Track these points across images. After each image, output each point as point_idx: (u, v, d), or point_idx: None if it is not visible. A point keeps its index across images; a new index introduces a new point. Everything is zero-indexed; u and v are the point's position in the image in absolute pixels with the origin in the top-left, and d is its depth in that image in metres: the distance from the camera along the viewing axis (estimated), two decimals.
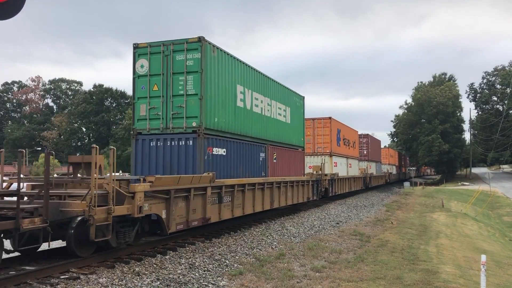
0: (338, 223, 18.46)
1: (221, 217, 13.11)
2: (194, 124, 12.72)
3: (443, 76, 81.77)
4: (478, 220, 26.18)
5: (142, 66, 13.45)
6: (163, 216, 10.43)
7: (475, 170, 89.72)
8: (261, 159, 16.81)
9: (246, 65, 15.64)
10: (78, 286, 7.65)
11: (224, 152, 13.86)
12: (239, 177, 14.72)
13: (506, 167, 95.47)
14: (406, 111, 76.44)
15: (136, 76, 13.56)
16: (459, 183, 60.65)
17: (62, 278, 8.02)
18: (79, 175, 10.63)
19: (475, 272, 10.69)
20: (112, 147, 8.73)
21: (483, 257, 7.97)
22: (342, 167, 31.28)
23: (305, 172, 22.37)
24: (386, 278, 9.31)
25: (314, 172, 23.20)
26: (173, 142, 12.94)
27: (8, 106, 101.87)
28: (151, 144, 13.21)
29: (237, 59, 14.94)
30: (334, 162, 28.91)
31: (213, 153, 13.22)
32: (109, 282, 8.00)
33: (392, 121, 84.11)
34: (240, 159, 15.06)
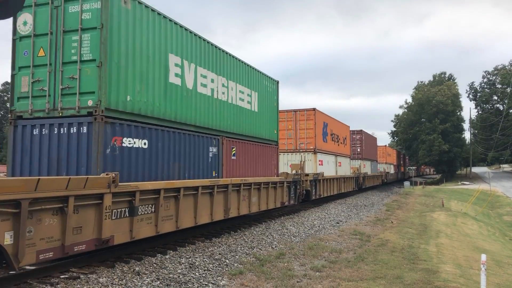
0: (338, 223, 18.46)
1: (134, 235, 9.26)
2: (89, 103, 9.16)
3: (442, 75, 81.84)
4: (478, 219, 26.18)
5: (25, 23, 9.86)
6: (7, 242, 6.56)
7: (475, 169, 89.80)
8: (211, 155, 13.18)
9: (185, 29, 11.95)
10: (78, 285, 7.65)
11: (145, 144, 10.19)
12: (172, 179, 11.11)
13: (506, 167, 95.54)
14: (406, 110, 76.52)
15: (17, 38, 9.94)
16: (459, 183, 60.67)
17: (62, 278, 8.02)
18: None
19: (475, 272, 10.69)
20: None
21: (483, 257, 7.97)
22: (330, 166, 28.00)
23: (280, 172, 18.99)
24: (386, 278, 9.31)
25: (293, 172, 20.30)
26: (62, 129, 9.33)
27: (8, 105, 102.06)
28: (34, 132, 9.56)
29: (171, 20, 11.28)
30: (319, 160, 25.53)
31: (124, 145, 9.59)
32: (109, 282, 8.00)
33: (392, 120, 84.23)
34: (175, 154, 11.36)
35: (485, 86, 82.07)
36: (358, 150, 39.66)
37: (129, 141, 9.77)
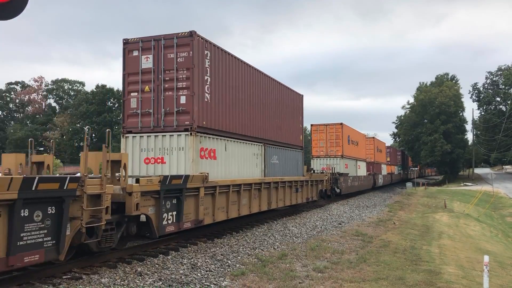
0: (340, 224, 18.43)
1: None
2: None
3: (445, 76, 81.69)
4: (480, 220, 26.11)
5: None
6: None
7: (477, 170, 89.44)
8: None
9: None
10: (81, 286, 7.66)
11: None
12: None
13: (509, 168, 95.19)
14: (409, 111, 76.41)
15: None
16: (462, 184, 60.53)
17: (65, 278, 8.03)
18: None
19: (477, 273, 10.66)
20: None
21: (486, 258, 7.94)
22: None
23: None
24: (389, 279, 9.29)
25: None
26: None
27: (11, 106, 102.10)
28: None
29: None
30: None
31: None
32: (111, 282, 8.01)
33: (394, 122, 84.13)
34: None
35: (488, 87, 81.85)
36: (182, 102, 12.41)
37: None
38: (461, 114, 71.59)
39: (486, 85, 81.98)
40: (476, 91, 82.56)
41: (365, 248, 12.91)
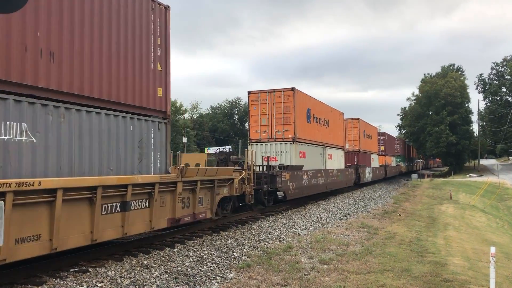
0: (345, 216, 18.43)
1: None
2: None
3: (451, 67, 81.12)
4: (486, 212, 26.03)
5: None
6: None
7: (483, 161, 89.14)
8: None
9: None
10: (87, 279, 7.71)
11: None
12: None
13: None
14: (414, 102, 76.06)
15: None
16: (467, 175, 60.30)
17: (71, 271, 8.08)
18: None
19: (484, 264, 10.63)
20: None
21: (492, 249, 7.90)
22: None
23: None
24: (394, 270, 9.28)
25: None
26: None
27: None
28: None
29: None
30: None
31: None
32: (117, 275, 8.05)
33: (398, 114, 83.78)
34: None
35: (493, 77, 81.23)
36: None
37: None
38: (466, 105, 71.23)
39: (491, 75, 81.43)
40: (481, 82, 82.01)
41: (371, 240, 12.91)
